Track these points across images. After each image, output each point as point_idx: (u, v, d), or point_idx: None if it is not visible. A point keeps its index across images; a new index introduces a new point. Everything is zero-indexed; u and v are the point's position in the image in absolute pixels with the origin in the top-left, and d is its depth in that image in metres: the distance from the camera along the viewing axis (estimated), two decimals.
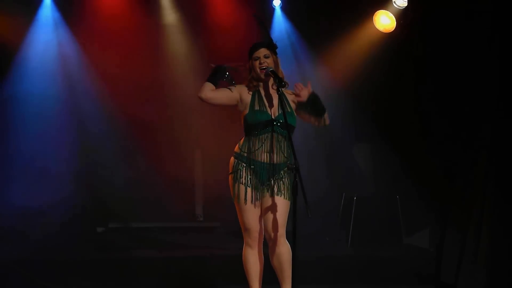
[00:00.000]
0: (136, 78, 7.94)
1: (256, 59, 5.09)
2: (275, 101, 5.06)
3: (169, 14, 7.91)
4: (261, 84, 5.14)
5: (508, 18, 6.57)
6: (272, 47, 5.13)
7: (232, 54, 7.36)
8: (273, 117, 5.04)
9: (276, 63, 5.13)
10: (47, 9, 7.69)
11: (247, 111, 5.08)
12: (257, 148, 5.04)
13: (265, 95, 5.10)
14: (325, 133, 8.02)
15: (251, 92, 5.11)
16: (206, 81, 5.09)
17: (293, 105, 5.15)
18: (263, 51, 5.09)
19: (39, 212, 7.67)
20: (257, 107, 5.06)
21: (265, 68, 5.05)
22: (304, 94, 5.03)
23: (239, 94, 5.11)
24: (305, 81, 7.60)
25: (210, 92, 5.06)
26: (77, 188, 7.94)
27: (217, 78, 5.11)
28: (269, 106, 5.07)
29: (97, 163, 8.11)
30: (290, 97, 5.16)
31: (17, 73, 7.72)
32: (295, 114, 5.14)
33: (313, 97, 5.05)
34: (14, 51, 7.65)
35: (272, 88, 5.11)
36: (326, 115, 5.16)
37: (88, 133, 8.01)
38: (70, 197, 7.85)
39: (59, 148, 7.88)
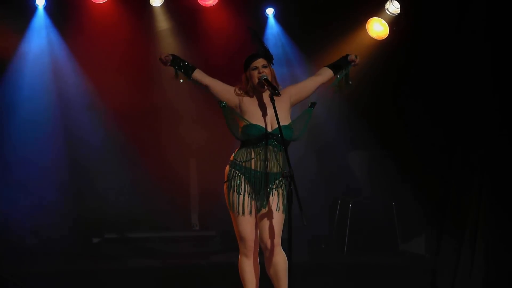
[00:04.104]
0: (129, 86, 7.93)
1: (254, 69, 5.09)
2: (270, 112, 5.06)
3: (162, 21, 7.91)
4: (256, 95, 5.14)
5: (502, 25, 6.60)
6: (269, 58, 5.15)
7: (226, 62, 7.40)
8: (268, 131, 5.04)
9: (272, 74, 5.15)
10: (40, 18, 7.69)
11: (245, 121, 5.08)
12: (252, 158, 5.05)
13: (259, 104, 5.11)
14: (320, 139, 8.03)
15: (249, 99, 5.11)
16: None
17: (289, 105, 5.14)
18: (261, 61, 5.10)
19: (33, 222, 7.65)
20: (254, 121, 5.06)
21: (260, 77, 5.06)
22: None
23: (239, 100, 5.10)
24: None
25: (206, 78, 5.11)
26: (72, 198, 7.92)
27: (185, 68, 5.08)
28: (264, 118, 5.07)
29: (91, 173, 8.09)
30: (284, 98, 5.14)
31: (10, 81, 7.72)
32: (293, 126, 5.15)
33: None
34: (7, 60, 7.65)
35: (268, 97, 5.11)
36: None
37: (82, 143, 8.00)
38: (65, 207, 7.83)
39: (53, 157, 7.87)
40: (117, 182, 8.20)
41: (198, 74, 5.11)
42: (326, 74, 5.35)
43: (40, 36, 7.75)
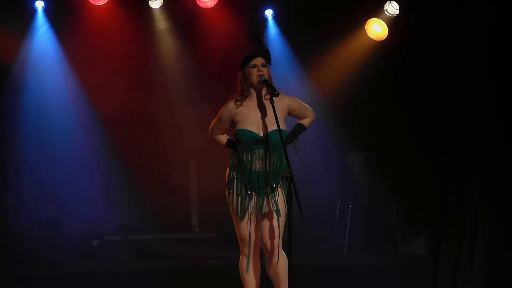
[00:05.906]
0: (129, 89, 7.94)
1: (254, 67, 5.08)
2: (269, 112, 5.06)
3: (161, 21, 7.91)
4: (252, 94, 5.14)
5: (501, 24, 6.61)
6: (267, 57, 5.14)
7: (224, 63, 7.41)
8: (263, 135, 5.04)
9: (269, 74, 5.15)
10: (39, 20, 7.69)
11: (237, 127, 5.09)
12: (249, 160, 5.05)
13: (253, 107, 5.11)
14: (320, 141, 8.02)
15: (239, 106, 5.11)
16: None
17: (285, 113, 5.17)
18: (260, 60, 5.10)
19: (33, 224, 7.64)
20: (247, 126, 5.07)
21: (260, 77, 5.06)
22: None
23: (231, 117, 5.14)
24: (298, 89, 7.69)
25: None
26: (72, 200, 7.91)
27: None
28: (258, 121, 5.07)
29: (92, 174, 8.09)
30: (282, 104, 5.15)
31: (12, 86, 7.73)
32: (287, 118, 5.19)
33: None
34: (6, 62, 7.65)
35: (265, 98, 5.12)
36: (307, 125, 5.32)
37: (81, 144, 8.00)
38: (64, 209, 7.82)
39: (53, 160, 7.86)
40: (117, 184, 8.19)
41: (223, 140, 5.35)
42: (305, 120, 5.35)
43: (39, 38, 7.75)
